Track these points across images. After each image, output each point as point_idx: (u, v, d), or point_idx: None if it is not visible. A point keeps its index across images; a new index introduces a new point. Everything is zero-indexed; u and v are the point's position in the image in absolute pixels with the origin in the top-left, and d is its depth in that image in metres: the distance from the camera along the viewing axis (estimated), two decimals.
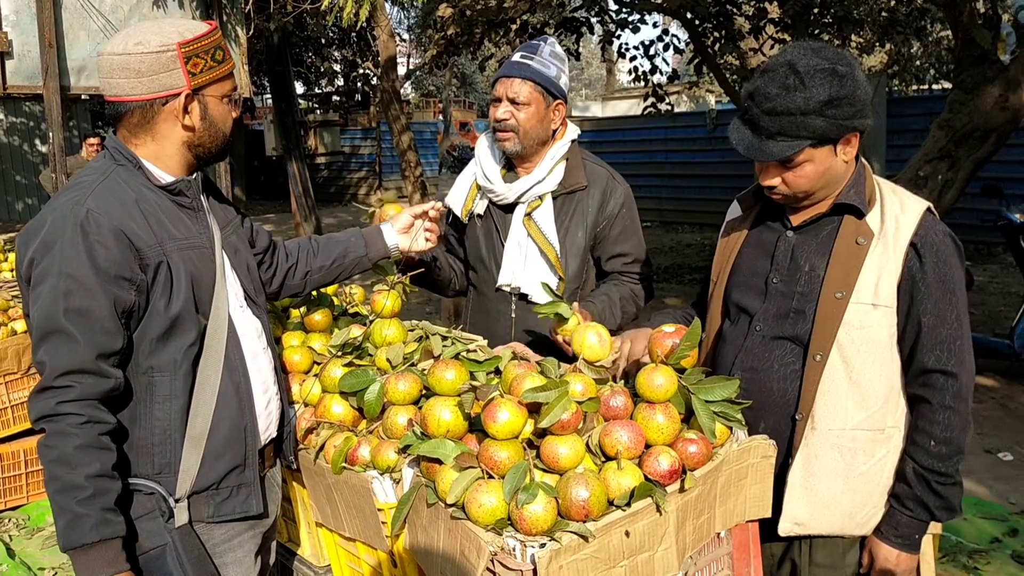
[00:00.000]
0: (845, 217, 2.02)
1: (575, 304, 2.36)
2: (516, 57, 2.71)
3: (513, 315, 2.80)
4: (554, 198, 2.75)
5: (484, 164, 2.83)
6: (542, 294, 2.71)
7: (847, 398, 2.00)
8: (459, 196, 2.91)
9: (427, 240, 2.49)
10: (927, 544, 2.44)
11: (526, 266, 2.75)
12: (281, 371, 2.26)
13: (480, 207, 2.87)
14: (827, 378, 2.00)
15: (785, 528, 2.07)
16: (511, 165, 2.82)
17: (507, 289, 2.80)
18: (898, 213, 1.99)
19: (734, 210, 2.30)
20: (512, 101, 2.66)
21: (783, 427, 2.07)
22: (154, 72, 1.84)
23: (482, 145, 2.87)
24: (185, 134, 1.91)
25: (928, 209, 2.00)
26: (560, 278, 2.74)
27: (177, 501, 1.89)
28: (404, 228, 2.48)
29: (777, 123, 1.91)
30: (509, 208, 2.81)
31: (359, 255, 2.44)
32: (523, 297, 2.78)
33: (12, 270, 5.48)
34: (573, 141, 2.80)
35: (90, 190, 1.83)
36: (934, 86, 16.51)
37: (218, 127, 1.96)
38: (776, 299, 2.09)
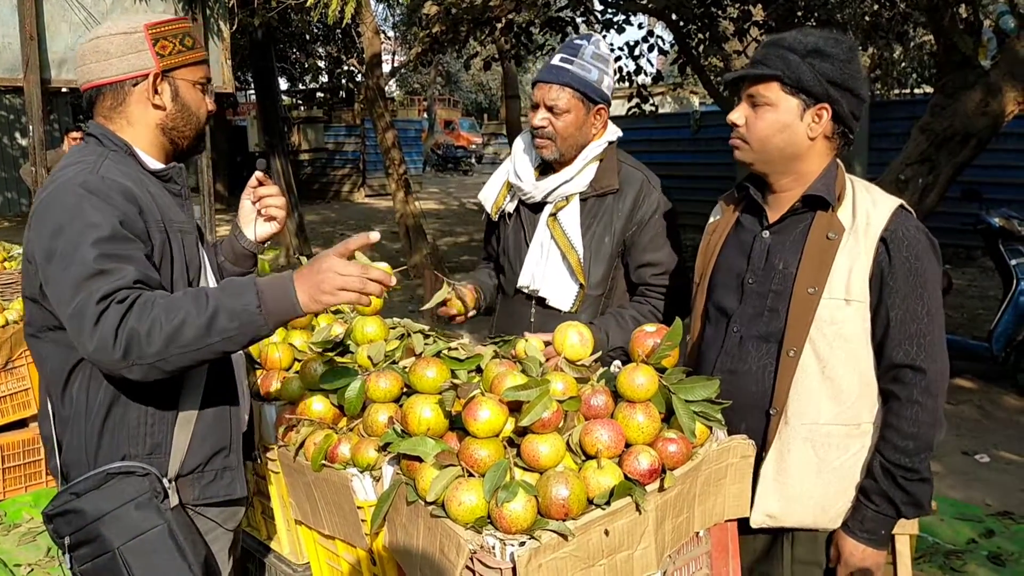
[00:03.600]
0: (817, 213, 2.03)
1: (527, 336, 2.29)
2: (556, 60, 2.59)
3: (532, 319, 2.71)
4: (584, 200, 2.65)
5: (518, 163, 2.74)
6: (561, 299, 2.65)
7: (820, 393, 2.01)
8: (491, 193, 2.84)
9: (270, 219, 2.21)
10: (904, 544, 2.46)
11: (546, 269, 2.66)
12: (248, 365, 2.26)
13: (511, 206, 2.79)
14: (800, 374, 2.01)
15: (757, 520, 2.08)
16: (547, 167, 2.71)
17: (526, 291, 2.72)
18: (870, 208, 2.00)
19: (716, 211, 2.32)
20: (550, 109, 2.55)
21: (758, 424, 2.08)
22: (123, 53, 1.88)
23: (519, 144, 2.78)
24: (157, 114, 1.93)
25: (901, 206, 2.01)
26: (581, 285, 2.64)
27: (170, 482, 1.89)
28: (249, 215, 2.23)
29: (764, 52, 2.02)
30: (538, 208, 2.72)
31: (219, 263, 2.25)
32: (541, 301, 2.69)
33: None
34: (610, 143, 2.69)
35: (98, 164, 1.83)
36: (916, 91, 16.64)
37: (191, 111, 1.98)
38: (752, 299, 2.10)
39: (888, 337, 1.96)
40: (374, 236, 1.76)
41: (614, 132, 2.70)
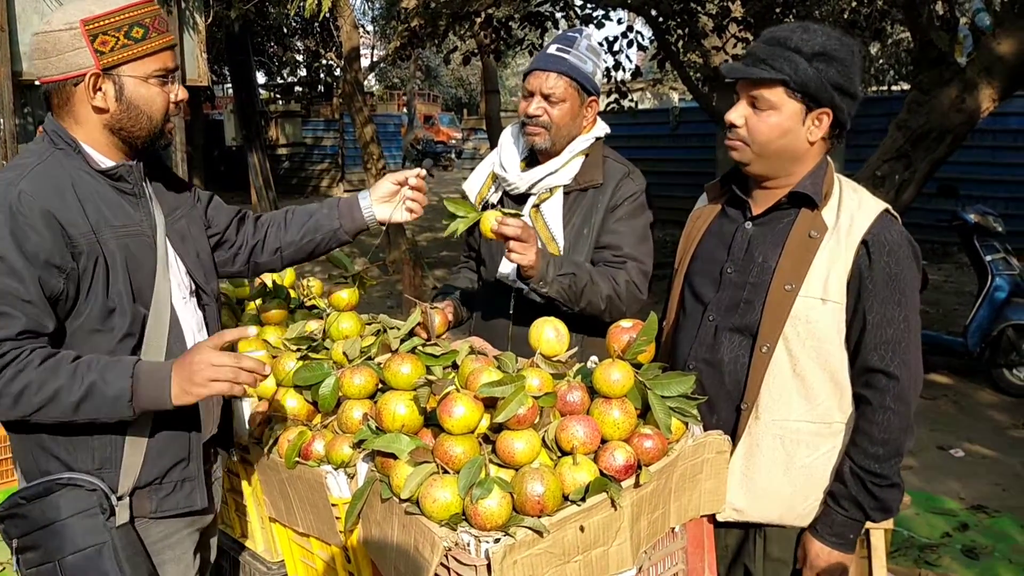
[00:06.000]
0: (801, 210, 2.02)
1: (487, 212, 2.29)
2: (552, 50, 2.58)
3: (511, 310, 2.64)
4: (567, 193, 2.63)
5: (504, 154, 2.72)
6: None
7: (792, 390, 2.01)
8: (475, 183, 2.81)
9: (409, 211, 2.29)
10: (879, 539, 2.46)
11: None
12: None
13: (495, 197, 2.77)
14: (772, 369, 2.01)
15: (724, 514, 2.08)
16: (533, 160, 2.70)
17: (506, 281, 2.66)
18: (855, 210, 1.99)
19: (701, 200, 2.31)
20: (546, 97, 2.54)
21: (729, 417, 2.08)
22: (60, 52, 1.78)
23: (506, 135, 2.77)
24: (99, 116, 1.83)
25: (887, 210, 2.00)
26: None
27: (119, 499, 1.84)
28: (384, 196, 2.28)
29: (768, 51, 1.95)
30: (522, 199, 2.71)
31: (331, 228, 2.28)
32: (521, 291, 2.63)
33: None
34: (598, 138, 2.67)
35: (26, 172, 1.77)
36: (893, 87, 16.75)
37: (140, 109, 1.85)
38: (729, 289, 2.10)
39: (863, 341, 1.95)
40: (251, 332, 1.80)
41: (602, 128, 2.69)
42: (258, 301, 2.67)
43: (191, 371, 1.70)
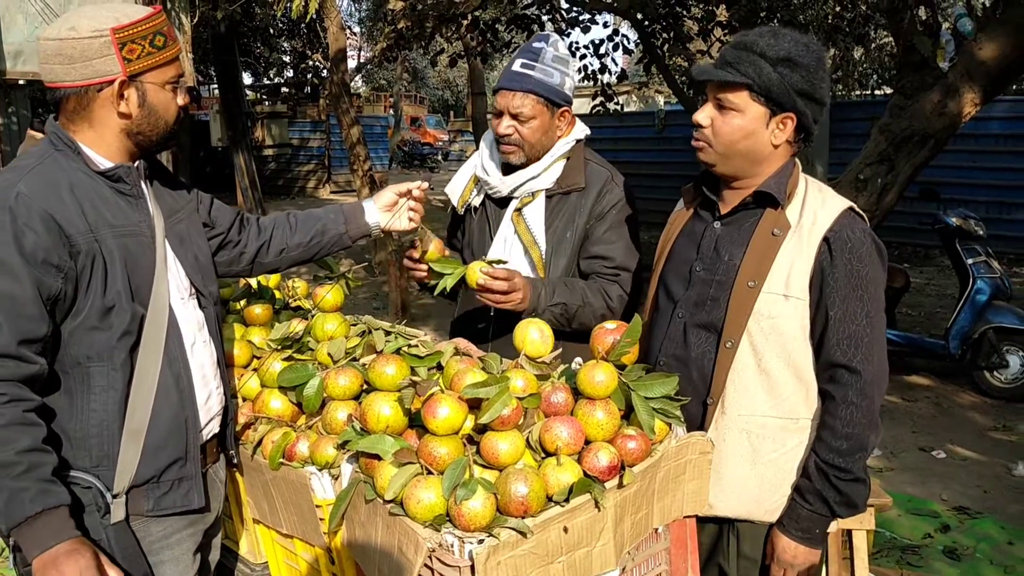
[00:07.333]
0: (766, 210, 2.05)
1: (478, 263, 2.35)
2: (516, 66, 2.56)
3: (492, 312, 2.66)
4: (549, 197, 2.64)
5: (486, 157, 2.73)
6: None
7: (756, 385, 2.03)
8: (458, 186, 2.83)
9: (410, 220, 2.43)
10: (861, 540, 2.49)
11: (508, 264, 2.60)
12: (225, 365, 2.21)
13: (477, 200, 2.78)
14: (737, 365, 2.03)
15: None
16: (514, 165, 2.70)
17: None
18: (817, 208, 2.02)
19: (679, 204, 2.34)
20: (514, 116, 2.54)
21: (696, 412, 2.10)
22: (87, 58, 1.80)
23: (488, 139, 2.76)
24: (122, 121, 1.88)
25: (850, 208, 2.03)
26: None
27: (115, 497, 1.84)
28: (387, 206, 2.42)
29: (735, 55, 1.98)
30: (504, 203, 2.71)
31: (338, 232, 2.39)
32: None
33: None
34: (578, 140, 2.67)
35: (23, 173, 1.79)
36: (876, 91, 16.85)
37: (158, 115, 1.91)
38: (697, 287, 2.13)
39: (826, 336, 1.97)
40: None
41: (582, 130, 2.69)
42: (243, 302, 2.67)
43: (65, 561, 1.64)
